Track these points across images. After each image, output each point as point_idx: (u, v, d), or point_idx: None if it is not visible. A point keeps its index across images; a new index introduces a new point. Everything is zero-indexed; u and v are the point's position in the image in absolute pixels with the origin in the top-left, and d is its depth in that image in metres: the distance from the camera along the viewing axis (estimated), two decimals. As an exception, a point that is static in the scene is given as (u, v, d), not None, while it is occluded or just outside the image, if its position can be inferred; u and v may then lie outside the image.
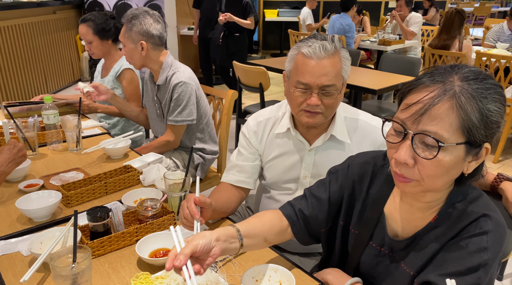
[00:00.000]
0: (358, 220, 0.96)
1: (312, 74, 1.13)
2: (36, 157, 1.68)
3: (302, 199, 1.06)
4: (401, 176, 0.76)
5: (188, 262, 0.77)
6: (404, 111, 0.75)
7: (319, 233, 1.05)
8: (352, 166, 0.99)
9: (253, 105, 3.56)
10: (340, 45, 1.18)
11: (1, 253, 1.07)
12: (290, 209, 1.05)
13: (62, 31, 5.25)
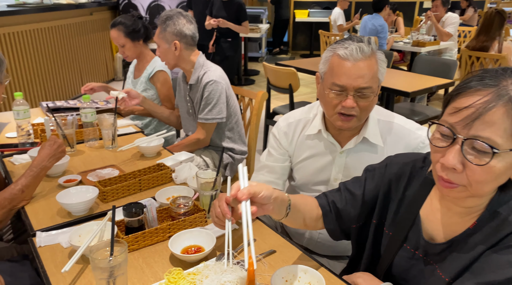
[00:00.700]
0: (392, 221, 0.95)
1: (348, 76, 1.13)
2: (74, 153, 1.76)
3: (336, 192, 1.07)
4: (448, 181, 0.75)
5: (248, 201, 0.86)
6: (453, 115, 0.73)
7: (349, 228, 1.04)
8: (390, 166, 0.98)
9: (282, 107, 3.56)
10: (376, 47, 1.18)
11: (43, 244, 1.13)
12: (324, 199, 1.06)
13: (97, 32, 5.44)
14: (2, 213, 1.28)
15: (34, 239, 1.16)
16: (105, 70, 5.78)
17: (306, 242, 1.40)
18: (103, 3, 5.49)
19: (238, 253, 1.10)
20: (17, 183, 1.32)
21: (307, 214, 1.02)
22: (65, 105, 2.17)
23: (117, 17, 2.22)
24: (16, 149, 1.75)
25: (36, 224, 1.23)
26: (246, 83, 6.13)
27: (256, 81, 6.36)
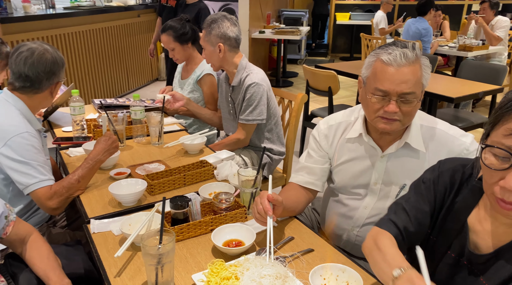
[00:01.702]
0: (439, 227, 0.95)
1: (391, 82, 1.13)
2: (124, 148, 1.87)
3: (402, 212, 0.97)
4: (509, 203, 0.73)
5: None
6: (509, 137, 0.71)
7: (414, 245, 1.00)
8: (443, 175, 0.96)
9: (320, 109, 3.56)
10: (421, 52, 1.18)
11: (97, 231, 1.22)
12: (394, 229, 0.96)
13: (144, 33, 5.67)
14: (60, 200, 1.40)
15: (88, 226, 1.26)
16: (150, 70, 6.01)
17: (343, 243, 1.41)
18: (149, 5, 5.71)
19: (279, 248, 1.14)
20: (74, 173, 1.43)
21: None
22: (115, 103, 2.31)
23: (167, 22, 2.32)
24: (72, 142, 1.88)
25: (90, 212, 1.33)
26: (284, 85, 6.16)
27: (295, 83, 6.38)
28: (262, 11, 6.16)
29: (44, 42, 1.47)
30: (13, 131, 1.35)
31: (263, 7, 6.17)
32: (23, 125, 1.38)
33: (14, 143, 1.34)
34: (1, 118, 1.38)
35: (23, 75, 1.40)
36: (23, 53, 1.40)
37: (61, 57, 1.49)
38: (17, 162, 1.34)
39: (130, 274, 1.05)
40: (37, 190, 1.36)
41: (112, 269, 1.06)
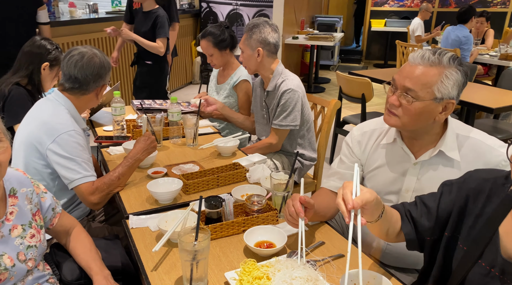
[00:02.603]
0: (468, 235, 0.94)
1: (400, 74, 1.19)
2: (160, 148, 1.94)
3: (412, 204, 1.10)
4: None
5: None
6: None
7: (424, 240, 1.05)
8: (469, 180, 0.98)
9: (353, 116, 3.54)
10: (454, 63, 1.15)
11: (135, 226, 1.28)
12: (401, 208, 1.09)
13: (180, 38, 5.82)
14: (101, 196, 1.47)
15: (127, 221, 1.32)
16: (184, 74, 6.16)
17: (373, 251, 1.41)
18: (187, 10, 5.87)
19: (310, 252, 1.16)
20: (115, 170, 1.50)
21: (392, 225, 1.04)
22: (153, 105, 2.40)
23: (206, 27, 2.37)
24: (112, 141, 1.97)
25: (128, 208, 1.40)
26: (316, 91, 6.15)
27: (327, 89, 6.35)
28: (296, 17, 6.19)
29: (93, 47, 1.56)
30: (61, 129, 1.44)
31: (297, 13, 6.19)
32: (71, 124, 1.47)
33: (62, 140, 1.43)
34: (51, 117, 1.47)
35: (72, 77, 1.49)
36: (74, 57, 1.49)
37: (108, 62, 1.57)
38: (64, 158, 1.43)
39: (166, 268, 1.09)
40: (80, 185, 1.44)
41: (149, 263, 1.11)
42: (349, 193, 0.92)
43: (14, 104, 1.58)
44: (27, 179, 1.16)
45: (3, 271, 0.99)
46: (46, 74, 1.96)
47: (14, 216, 1.08)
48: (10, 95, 1.81)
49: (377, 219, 0.98)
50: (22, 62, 1.92)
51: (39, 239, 1.12)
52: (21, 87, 1.87)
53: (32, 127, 1.49)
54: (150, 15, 3.10)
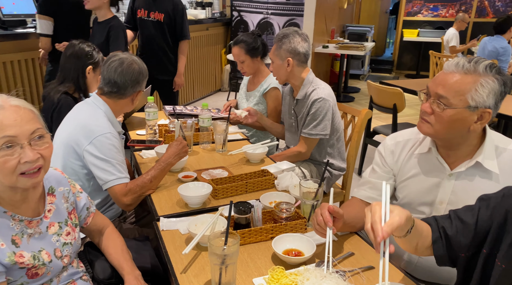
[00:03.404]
0: (507, 253, 0.90)
1: (434, 81, 1.18)
2: (191, 153, 1.97)
3: (447, 218, 1.05)
4: None
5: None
6: None
7: (457, 256, 1.01)
8: (508, 197, 0.94)
9: (383, 126, 3.48)
10: (491, 72, 1.12)
11: (165, 229, 1.31)
12: (434, 223, 1.05)
13: (211, 46, 5.93)
14: (133, 197, 1.51)
15: (158, 223, 1.35)
16: (214, 81, 6.25)
17: (404, 264, 1.37)
18: (218, 19, 5.98)
19: (338, 262, 1.14)
20: (148, 173, 1.54)
21: (421, 239, 1.02)
22: (184, 111, 2.44)
23: (239, 35, 2.41)
24: (145, 145, 2.02)
25: (159, 211, 1.42)
26: (345, 100, 6.09)
27: (356, 98, 6.27)
28: (326, 26, 6.18)
29: (132, 54, 1.62)
30: (98, 131, 1.49)
31: (328, 22, 6.18)
32: (107, 127, 1.52)
33: (99, 142, 1.48)
34: (89, 119, 1.53)
35: (112, 81, 1.55)
36: (114, 62, 1.55)
37: (145, 69, 1.63)
38: (100, 159, 1.48)
39: (195, 271, 1.11)
40: (114, 186, 1.48)
41: (178, 265, 1.13)
42: (378, 220, 0.89)
43: (62, 114, 1.65)
44: (64, 178, 1.21)
45: (41, 266, 1.03)
46: (91, 77, 2.02)
47: (52, 213, 1.12)
48: (59, 104, 1.89)
49: (405, 234, 0.96)
50: (66, 71, 1.99)
51: (74, 236, 1.16)
52: (69, 97, 1.95)
53: (71, 129, 1.55)
54: (104, 26, 2.80)
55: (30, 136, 0.98)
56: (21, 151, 0.96)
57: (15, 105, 0.98)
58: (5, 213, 1.01)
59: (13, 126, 0.95)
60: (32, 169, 0.98)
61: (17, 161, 0.95)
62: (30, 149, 0.97)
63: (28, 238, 1.04)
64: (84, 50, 1.99)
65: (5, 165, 0.94)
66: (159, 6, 3.15)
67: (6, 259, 0.97)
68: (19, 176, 0.97)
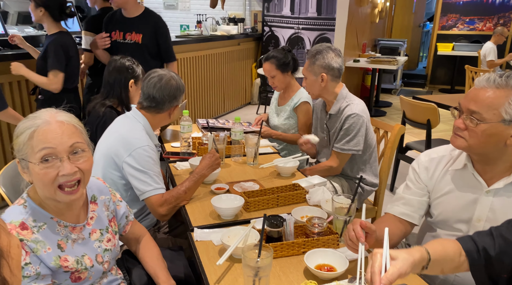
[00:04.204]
0: None
1: (466, 97, 1.18)
2: (223, 166, 2.01)
3: (487, 236, 1.02)
4: None
5: None
6: None
7: (499, 278, 0.98)
8: None
9: (417, 142, 3.41)
10: None
11: (199, 239, 1.34)
12: (472, 245, 1.02)
13: (242, 60, 6.04)
14: (168, 208, 1.56)
15: (192, 233, 1.38)
16: (244, 94, 6.35)
17: (439, 282, 1.34)
18: (249, 34, 6.09)
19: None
20: (182, 185, 1.59)
21: (446, 264, 1.00)
22: (216, 124, 2.50)
23: (270, 51, 2.46)
24: (179, 157, 2.09)
25: (193, 221, 1.46)
26: (376, 114, 6.01)
27: (388, 113, 6.18)
28: (358, 40, 6.16)
29: (170, 70, 1.69)
30: (137, 144, 1.56)
31: (359, 37, 6.16)
32: (145, 139, 1.59)
33: (137, 154, 1.55)
34: (129, 132, 1.60)
35: (151, 96, 1.62)
36: (153, 78, 1.63)
37: (183, 85, 1.69)
38: (138, 171, 1.54)
39: (228, 282, 1.13)
40: (151, 196, 1.54)
41: (212, 276, 1.15)
42: (377, 271, 0.89)
43: (106, 127, 1.74)
44: (105, 188, 1.27)
45: (83, 270, 1.09)
46: (133, 90, 2.10)
47: (94, 221, 1.18)
48: (104, 118, 1.98)
49: (421, 271, 0.95)
50: (109, 86, 2.08)
51: (113, 243, 1.22)
52: (113, 111, 2.04)
53: (111, 141, 1.62)
54: (46, 41, 2.60)
55: (69, 149, 1.02)
56: (59, 164, 1.00)
57: (60, 120, 1.04)
58: (52, 219, 1.07)
59: (54, 140, 1.00)
60: (70, 181, 1.02)
61: (55, 173, 1.00)
62: (68, 162, 1.01)
63: (72, 243, 1.10)
64: (124, 65, 2.08)
65: (45, 177, 0.99)
66: (137, 26, 2.76)
67: (52, 262, 1.02)
68: (58, 191, 1.01)
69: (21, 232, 1.00)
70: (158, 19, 2.84)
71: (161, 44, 2.82)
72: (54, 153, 1.00)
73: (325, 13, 5.63)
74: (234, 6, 6.57)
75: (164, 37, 2.84)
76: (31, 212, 1.04)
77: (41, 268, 1.00)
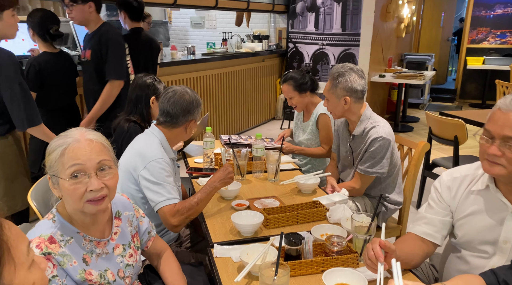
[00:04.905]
0: None
1: (495, 123, 1.13)
2: (244, 182, 2.03)
3: (508, 269, 0.99)
4: None
5: None
6: None
7: None
8: None
9: (444, 159, 3.32)
10: None
11: (219, 255, 1.36)
12: (493, 279, 0.99)
13: (266, 76, 6.11)
14: (180, 219, 1.56)
15: (212, 249, 1.40)
16: (268, 110, 6.40)
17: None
18: (274, 51, 6.17)
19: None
20: (195, 196, 1.61)
21: None
22: (239, 140, 2.54)
23: (288, 72, 2.50)
24: (201, 173, 2.13)
25: (213, 237, 1.48)
26: (403, 130, 5.90)
27: (415, 128, 6.05)
28: (383, 55, 6.11)
29: (187, 87, 1.74)
30: (151, 157, 1.60)
31: (385, 51, 6.12)
32: (159, 153, 1.62)
33: (151, 167, 1.59)
34: (144, 147, 1.65)
35: (165, 111, 1.68)
36: (168, 94, 1.69)
37: (197, 100, 1.72)
38: (151, 182, 1.58)
39: (245, 299, 1.13)
40: (164, 207, 1.56)
41: (230, 292, 1.17)
42: None
43: (130, 141, 1.80)
44: (129, 204, 1.31)
45: (106, 284, 1.12)
46: (155, 107, 2.17)
47: (117, 236, 1.22)
48: (128, 132, 2.06)
49: None
50: (132, 103, 2.16)
51: (135, 259, 1.25)
52: (137, 125, 2.12)
53: (129, 155, 1.68)
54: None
55: (96, 166, 1.07)
56: (88, 180, 1.06)
57: (89, 139, 1.09)
58: (78, 233, 1.12)
59: (83, 157, 1.06)
60: (97, 197, 1.07)
61: (84, 189, 1.05)
62: (96, 178, 1.07)
63: (97, 258, 1.14)
64: (146, 82, 2.16)
65: (74, 192, 1.05)
66: (89, 42, 2.66)
67: (77, 275, 1.07)
68: (85, 203, 1.07)
69: (49, 245, 1.04)
70: (105, 32, 2.60)
71: (102, 57, 2.58)
72: (83, 169, 1.05)
73: (349, 29, 5.64)
74: (259, 23, 6.69)
75: (105, 50, 2.57)
76: (59, 227, 1.09)
77: (67, 281, 1.04)
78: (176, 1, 3.98)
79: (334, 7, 5.72)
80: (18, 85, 1.92)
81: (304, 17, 6.00)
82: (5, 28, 1.92)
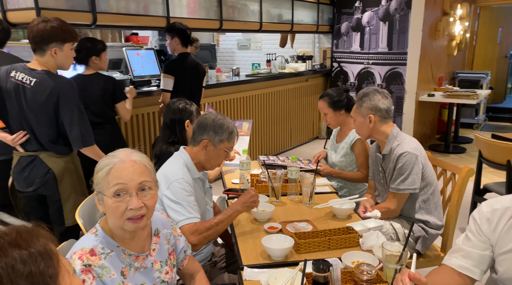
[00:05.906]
0: None
1: None
2: (278, 204, 2.05)
3: None
4: None
5: None
6: None
7: None
8: None
9: (497, 184, 3.13)
10: None
11: (248, 278, 1.38)
12: None
13: (310, 96, 6.12)
14: (199, 237, 1.59)
15: (242, 272, 1.43)
16: (311, 129, 6.38)
17: None
18: (318, 71, 6.19)
19: None
20: (216, 217, 1.65)
21: None
22: (276, 161, 2.57)
23: (327, 89, 2.54)
24: (237, 194, 2.18)
25: (244, 259, 1.51)
26: (454, 151, 5.62)
27: (468, 150, 5.73)
28: (433, 74, 5.91)
29: (219, 113, 1.80)
30: (173, 178, 1.67)
31: (434, 70, 5.92)
32: (181, 173, 1.68)
33: (173, 187, 1.65)
34: (168, 168, 1.73)
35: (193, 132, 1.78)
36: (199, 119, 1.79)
37: (221, 122, 1.72)
38: (173, 202, 1.64)
39: (269, 324, 1.15)
40: (184, 225, 1.60)
41: (255, 316, 1.18)
42: None
43: None
44: (168, 222, 1.38)
45: None
46: (190, 129, 2.26)
47: (156, 252, 1.29)
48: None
49: None
50: (169, 128, 2.27)
51: (171, 276, 1.31)
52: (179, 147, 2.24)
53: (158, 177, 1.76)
54: None
55: (138, 186, 1.15)
56: (129, 199, 1.14)
57: (133, 160, 1.18)
58: (118, 247, 1.20)
59: (126, 177, 1.14)
60: (136, 216, 1.15)
61: (125, 207, 1.13)
62: (136, 198, 1.15)
63: (134, 271, 1.21)
64: (178, 107, 2.26)
65: (116, 209, 1.14)
66: None
67: None
68: (126, 220, 1.15)
69: (90, 257, 1.13)
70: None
71: None
72: (125, 189, 1.14)
73: (396, 48, 5.54)
74: (304, 44, 6.76)
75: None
76: (100, 240, 1.18)
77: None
78: (221, 26, 4.15)
79: (380, 26, 5.65)
80: (77, 108, 2.11)
81: (349, 37, 5.98)
82: (64, 59, 2.13)
